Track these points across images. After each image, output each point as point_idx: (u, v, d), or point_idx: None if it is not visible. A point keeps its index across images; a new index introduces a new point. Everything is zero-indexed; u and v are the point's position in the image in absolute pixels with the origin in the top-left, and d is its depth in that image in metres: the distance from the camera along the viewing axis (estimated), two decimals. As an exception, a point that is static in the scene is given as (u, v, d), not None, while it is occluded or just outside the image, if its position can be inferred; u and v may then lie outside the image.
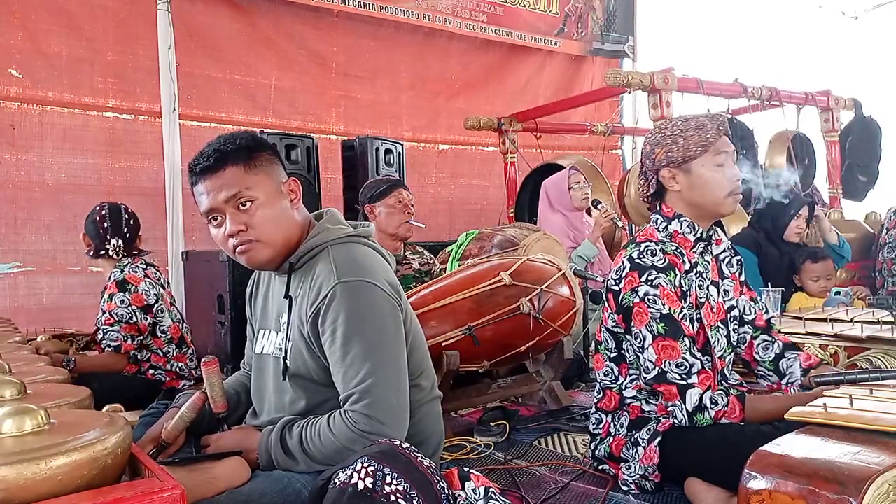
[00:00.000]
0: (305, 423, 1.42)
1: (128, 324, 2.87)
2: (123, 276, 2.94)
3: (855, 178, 5.44)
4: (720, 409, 1.65)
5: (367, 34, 5.62)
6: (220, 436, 1.53)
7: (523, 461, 2.23)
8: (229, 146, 1.48)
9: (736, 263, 2.01)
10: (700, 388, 1.67)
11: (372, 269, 1.47)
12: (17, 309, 4.15)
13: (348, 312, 1.40)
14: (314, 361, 1.48)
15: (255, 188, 1.47)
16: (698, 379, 1.68)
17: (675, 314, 1.72)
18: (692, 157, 1.80)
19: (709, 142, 1.79)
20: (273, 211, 1.49)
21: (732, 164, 1.82)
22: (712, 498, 1.63)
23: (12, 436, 0.93)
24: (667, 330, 1.71)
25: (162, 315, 2.99)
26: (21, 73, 4.29)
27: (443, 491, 1.19)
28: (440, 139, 6.15)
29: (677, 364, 1.69)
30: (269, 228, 1.48)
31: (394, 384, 1.41)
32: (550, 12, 6.51)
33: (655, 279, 1.74)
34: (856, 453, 1.07)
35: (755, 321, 2.00)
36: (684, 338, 1.71)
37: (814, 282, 3.41)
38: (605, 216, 3.76)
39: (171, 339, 3.02)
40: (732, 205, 1.83)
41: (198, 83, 4.88)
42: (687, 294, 1.80)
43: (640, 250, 1.79)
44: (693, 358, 1.70)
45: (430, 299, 2.53)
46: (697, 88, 4.33)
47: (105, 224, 3.00)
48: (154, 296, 2.97)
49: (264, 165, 1.50)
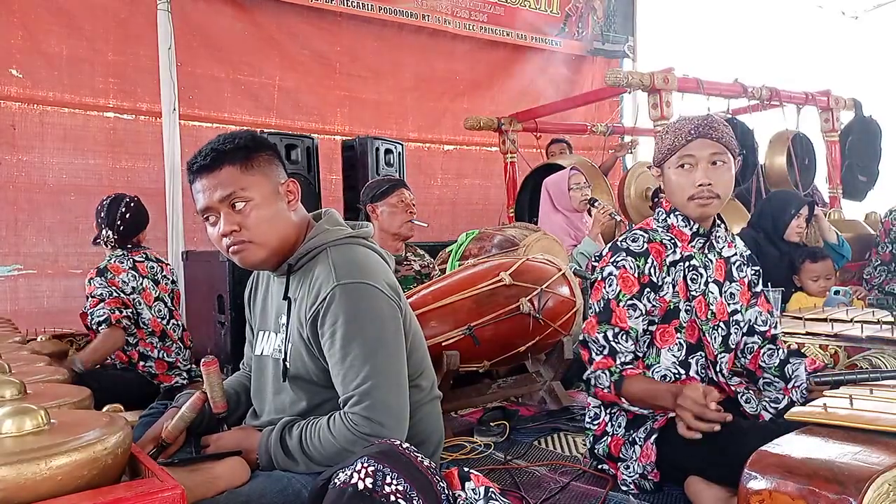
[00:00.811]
0: (305, 425, 1.42)
1: (111, 298, 2.92)
2: (105, 265, 3.03)
3: (855, 178, 5.44)
4: (600, 388, 1.83)
5: (371, 34, 5.61)
6: (221, 436, 1.53)
7: (523, 461, 2.23)
8: (227, 145, 1.48)
9: (751, 273, 2.02)
10: (594, 367, 1.83)
11: (371, 271, 1.47)
12: (18, 312, 4.11)
13: (347, 315, 1.40)
14: (314, 363, 1.48)
15: (250, 189, 1.47)
16: (598, 360, 1.83)
17: (620, 301, 1.83)
18: (663, 160, 1.89)
19: (676, 146, 1.84)
20: (268, 212, 1.48)
21: (704, 168, 1.81)
22: (712, 497, 1.63)
23: (12, 436, 0.93)
24: (599, 311, 1.85)
25: (141, 307, 3.03)
26: (21, 72, 4.27)
27: (443, 491, 1.19)
28: (445, 139, 6.15)
29: (594, 340, 1.85)
30: (262, 230, 1.48)
31: (394, 386, 1.41)
32: (551, 12, 6.51)
33: (621, 261, 1.85)
34: (856, 453, 1.07)
35: (765, 333, 2.01)
36: (607, 323, 1.83)
37: (813, 281, 3.41)
38: (603, 212, 3.76)
39: (152, 332, 3.05)
40: (696, 209, 1.85)
41: (200, 83, 4.86)
42: (664, 283, 1.86)
43: (626, 236, 1.91)
44: (605, 341, 1.83)
45: (430, 299, 2.53)
46: (697, 88, 4.33)
47: (102, 214, 3.08)
48: (131, 287, 3.02)
49: (261, 166, 1.50)
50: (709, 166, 1.82)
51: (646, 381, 1.81)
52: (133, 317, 2.99)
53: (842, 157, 5.35)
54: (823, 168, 5.36)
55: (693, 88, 4.31)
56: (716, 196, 1.82)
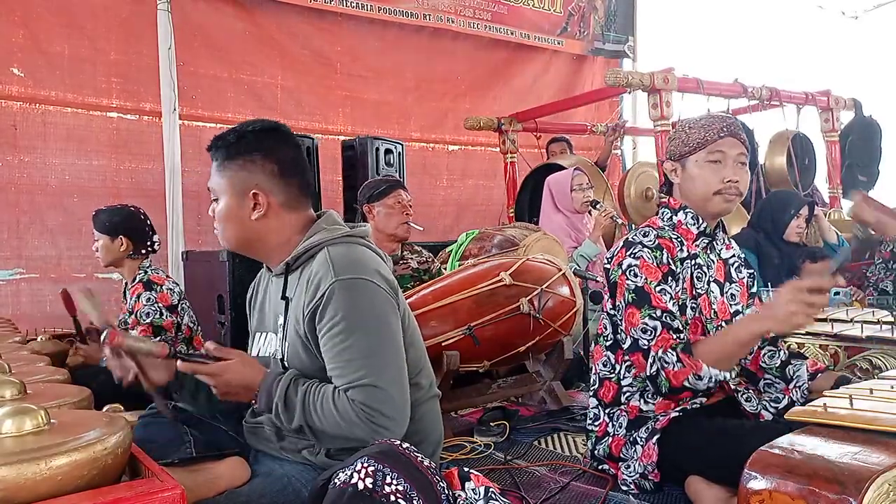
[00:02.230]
0: (310, 386, 1.41)
1: (148, 326, 2.81)
2: (148, 277, 2.92)
3: (855, 178, 5.44)
4: (670, 368, 1.66)
5: (372, 34, 5.60)
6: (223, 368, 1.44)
7: (523, 461, 2.23)
8: (225, 138, 1.56)
9: (747, 275, 2.04)
10: (654, 349, 1.70)
11: (369, 267, 1.48)
12: (20, 317, 3.99)
13: (347, 310, 1.40)
14: (310, 361, 1.47)
15: (217, 189, 1.57)
16: (656, 341, 1.71)
17: (651, 285, 1.77)
18: (688, 153, 1.87)
19: (707, 140, 1.84)
20: (226, 214, 1.56)
21: (732, 166, 1.84)
22: (713, 497, 1.63)
23: (12, 436, 0.93)
24: (634, 299, 1.77)
25: (183, 313, 2.99)
26: (23, 72, 4.24)
27: (443, 491, 1.19)
28: (449, 140, 6.14)
29: (642, 329, 1.73)
30: (222, 227, 1.58)
31: (396, 379, 1.41)
32: (554, 11, 6.50)
33: (639, 252, 1.81)
34: (856, 453, 1.07)
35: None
36: (648, 306, 1.74)
37: (814, 282, 3.40)
38: (605, 215, 3.76)
39: (184, 339, 3.00)
40: (720, 204, 1.86)
41: (203, 83, 4.85)
42: (679, 277, 1.84)
43: (636, 232, 1.90)
44: (654, 321, 1.73)
45: (430, 299, 2.54)
46: (697, 88, 4.33)
47: (148, 221, 3.01)
48: (178, 295, 2.97)
49: (233, 169, 1.55)
50: (736, 165, 1.84)
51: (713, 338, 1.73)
52: (173, 328, 2.90)
53: (842, 157, 5.35)
54: (823, 168, 5.35)
55: (693, 88, 4.31)
56: (739, 194, 1.86)
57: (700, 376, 1.64)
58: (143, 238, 2.98)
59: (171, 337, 2.89)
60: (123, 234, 2.93)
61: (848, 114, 5.42)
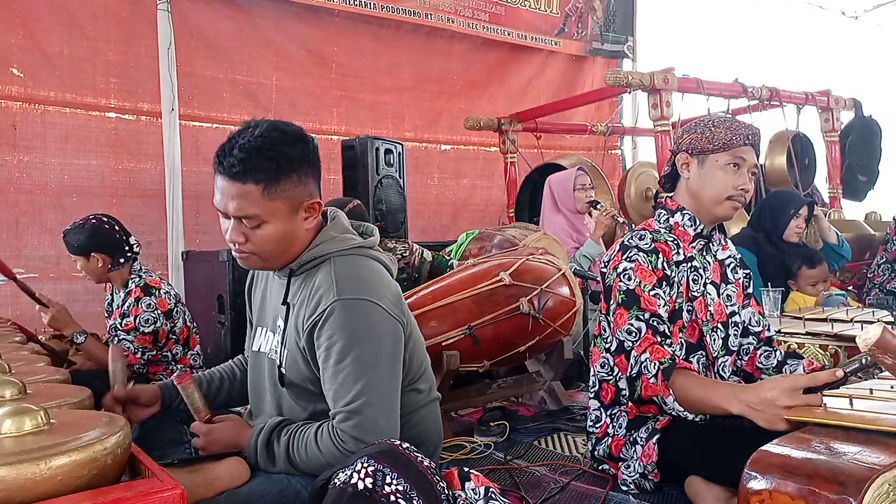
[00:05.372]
0: (294, 432, 1.41)
1: (143, 334, 2.78)
2: (144, 281, 2.86)
3: (855, 178, 5.44)
4: (648, 377, 1.63)
5: (368, 34, 5.60)
6: (212, 428, 1.52)
7: (523, 461, 2.23)
8: (260, 157, 1.37)
9: (743, 275, 2.04)
10: (636, 351, 1.68)
11: (374, 286, 1.45)
12: (20, 317, 3.97)
13: (345, 331, 1.38)
14: (309, 372, 1.47)
15: (266, 214, 1.41)
16: (639, 342, 1.69)
17: (644, 288, 1.77)
18: (710, 151, 1.86)
19: (732, 143, 1.83)
20: (278, 232, 1.43)
21: (747, 174, 1.85)
22: (712, 497, 1.63)
23: (12, 436, 0.93)
24: (624, 300, 1.77)
25: (177, 317, 2.95)
26: (22, 72, 4.25)
27: (443, 491, 1.19)
28: (442, 139, 6.13)
29: (627, 331, 1.73)
30: (269, 247, 1.45)
31: (385, 406, 1.39)
32: (551, 12, 6.51)
33: (634, 256, 1.81)
34: (856, 453, 1.07)
35: (759, 334, 2.02)
36: (637, 307, 1.74)
37: (812, 286, 3.41)
38: (606, 214, 3.76)
39: (177, 341, 2.98)
40: (728, 209, 1.87)
41: (200, 83, 4.84)
42: (673, 281, 1.84)
43: (632, 235, 1.89)
44: (640, 322, 1.72)
45: (430, 299, 2.54)
46: (697, 88, 4.33)
47: (116, 228, 2.88)
48: (174, 297, 2.93)
49: (287, 191, 1.41)
50: (750, 175, 1.86)
51: (700, 379, 1.64)
52: (166, 333, 2.85)
53: (842, 157, 5.35)
54: (823, 168, 5.36)
55: (693, 88, 4.32)
56: (745, 204, 1.88)
57: (665, 402, 1.62)
58: (117, 247, 2.86)
59: (162, 345, 2.87)
60: (95, 251, 2.82)
61: (848, 114, 5.43)
